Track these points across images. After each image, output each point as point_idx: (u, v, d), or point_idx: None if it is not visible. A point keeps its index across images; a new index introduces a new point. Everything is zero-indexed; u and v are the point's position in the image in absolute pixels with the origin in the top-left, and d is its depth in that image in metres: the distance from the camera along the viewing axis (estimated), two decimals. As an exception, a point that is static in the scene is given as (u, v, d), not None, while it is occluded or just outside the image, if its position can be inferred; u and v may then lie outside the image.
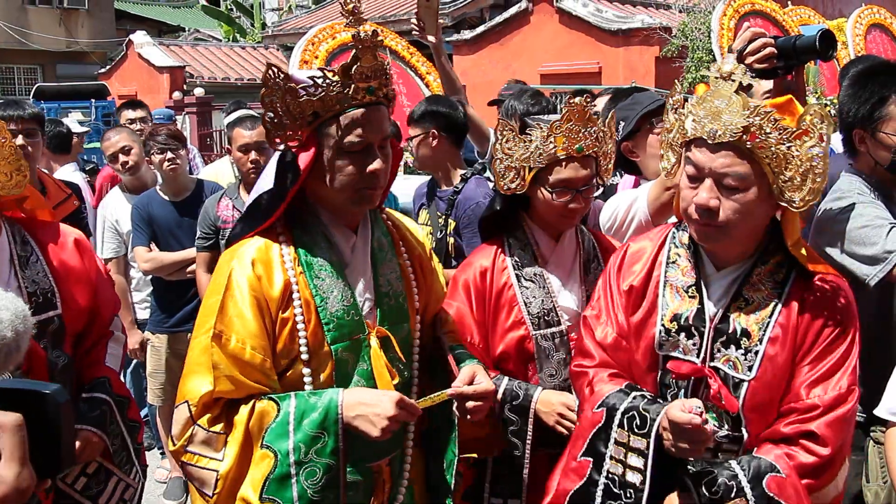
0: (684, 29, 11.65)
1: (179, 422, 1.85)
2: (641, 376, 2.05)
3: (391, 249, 2.07)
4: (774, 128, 1.77)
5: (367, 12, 17.68)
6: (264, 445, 1.79)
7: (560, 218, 2.39)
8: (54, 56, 24.48)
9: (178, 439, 1.85)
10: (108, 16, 25.96)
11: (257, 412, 1.81)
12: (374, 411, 1.79)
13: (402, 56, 8.44)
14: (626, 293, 2.09)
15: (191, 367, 1.87)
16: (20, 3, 23.92)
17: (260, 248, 1.90)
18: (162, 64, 17.38)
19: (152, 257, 4.25)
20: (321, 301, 1.88)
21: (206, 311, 1.89)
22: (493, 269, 2.43)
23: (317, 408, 1.80)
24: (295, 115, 1.82)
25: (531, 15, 13.55)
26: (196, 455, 1.83)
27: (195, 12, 29.52)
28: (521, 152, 2.34)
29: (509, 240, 2.47)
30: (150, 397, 4.57)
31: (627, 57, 12.42)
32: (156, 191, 4.38)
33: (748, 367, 1.89)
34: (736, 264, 1.95)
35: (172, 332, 4.38)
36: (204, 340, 1.84)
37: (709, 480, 1.81)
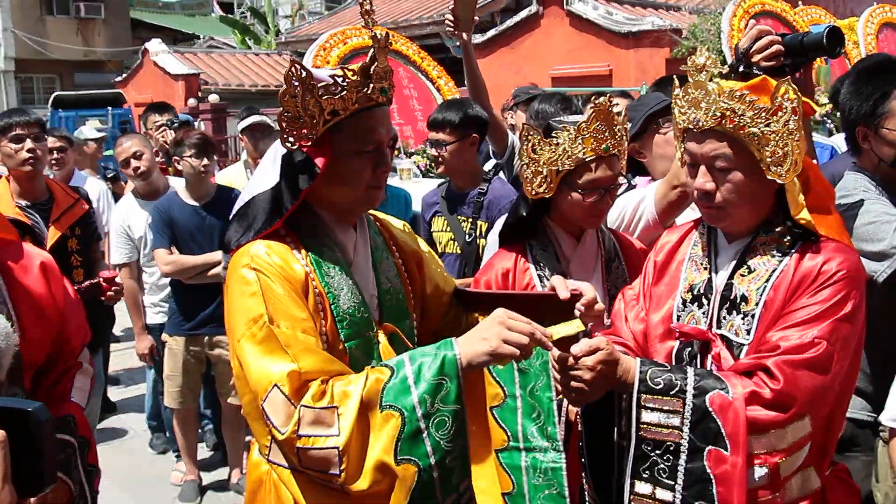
0: (694, 30, 11.65)
1: (277, 409, 1.70)
2: (657, 348, 2.08)
3: (385, 248, 2.11)
4: (749, 108, 1.85)
5: (379, 17, 17.79)
6: (385, 406, 1.68)
7: (589, 218, 2.41)
8: (72, 65, 24.70)
9: (285, 426, 1.70)
10: (124, 25, 26.17)
11: (371, 379, 1.71)
12: (481, 335, 1.73)
13: (413, 60, 8.51)
14: (654, 267, 2.17)
15: (257, 362, 1.75)
16: (38, 13, 24.15)
17: (270, 245, 1.88)
18: (177, 71, 17.51)
19: (174, 260, 4.28)
20: (333, 298, 1.89)
21: (240, 309, 1.81)
22: (514, 271, 2.45)
23: (432, 355, 1.72)
24: (314, 113, 1.82)
25: (542, 18, 13.58)
26: (311, 437, 1.68)
27: (210, 20, 29.72)
28: (547, 156, 2.35)
29: (530, 241, 2.49)
30: (167, 400, 4.59)
31: (638, 59, 12.43)
32: (176, 194, 4.41)
33: (746, 331, 1.92)
34: (745, 236, 2.01)
35: (190, 334, 4.42)
36: (260, 332, 1.76)
37: (655, 371, 1.85)
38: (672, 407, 1.82)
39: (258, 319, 1.76)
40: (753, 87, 1.91)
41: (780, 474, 1.83)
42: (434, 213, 3.82)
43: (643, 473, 1.85)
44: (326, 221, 1.97)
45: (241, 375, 1.80)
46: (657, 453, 1.83)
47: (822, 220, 1.94)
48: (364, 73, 1.84)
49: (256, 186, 1.96)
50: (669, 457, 1.82)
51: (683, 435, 1.80)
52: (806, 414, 1.82)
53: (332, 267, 1.91)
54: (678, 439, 1.81)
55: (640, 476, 1.85)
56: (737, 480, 1.75)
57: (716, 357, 1.94)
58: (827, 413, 1.89)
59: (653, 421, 1.83)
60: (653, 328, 2.10)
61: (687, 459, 1.80)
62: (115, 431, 5.68)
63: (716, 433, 1.78)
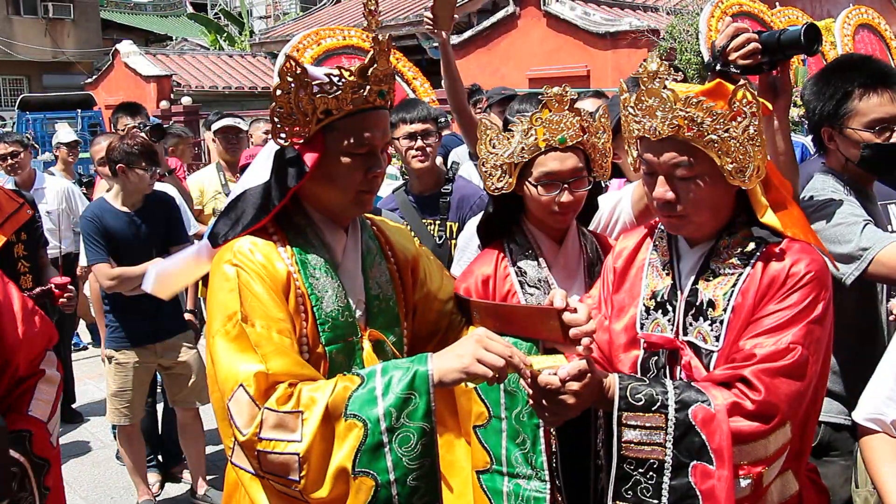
0: (672, 31, 11.63)
1: (242, 410, 1.66)
2: (621, 358, 2.03)
3: (379, 253, 2.05)
4: (708, 115, 1.80)
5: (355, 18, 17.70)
6: (349, 416, 1.64)
7: (551, 214, 2.32)
8: (40, 66, 24.41)
9: (247, 427, 1.65)
10: (94, 25, 25.89)
11: (339, 387, 1.67)
12: (456, 352, 1.69)
13: (388, 61, 8.41)
14: (614, 274, 2.12)
15: (226, 359, 1.71)
16: (5, 13, 23.83)
17: (255, 242, 1.85)
18: (149, 73, 17.31)
19: (118, 273, 4.06)
20: (317, 301, 1.85)
21: (218, 305, 1.78)
22: (495, 277, 2.38)
23: (404, 369, 1.68)
24: (307, 111, 1.80)
25: (518, 19, 13.54)
26: (272, 441, 1.64)
27: (183, 21, 29.47)
28: (503, 149, 2.29)
29: (510, 245, 2.42)
30: (113, 417, 4.37)
31: (616, 60, 12.40)
32: (105, 200, 4.22)
33: (715, 337, 1.88)
34: (707, 240, 1.96)
35: (140, 346, 4.26)
36: (232, 329, 1.72)
37: (634, 387, 1.79)
38: (654, 423, 1.76)
39: (232, 317, 1.74)
40: (709, 93, 1.85)
41: (762, 483, 1.80)
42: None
43: (625, 494, 1.78)
44: (316, 222, 1.93)
45: (211, 373, 1.77)
46: (640, 472, 1.77)
47: (785, 216, 1.91)
48: (362, 74, 1.81)
49: (249, 181, 1.93)
50: (653, 475, 1.76)
51: (667, 451, 1.75)
52: (787, 421, 1.79)
53: (318, 268, 1.88)
54: (661, 456, 1.75)
55: (623, 497, 1.78)
56: (724, 494, 1.70)
57: (686, 365, 1.90)
58: (802, 416, 1.86)
59: (635, 439, 1.77)
60: (615, 337, 2.05)
61: (671, 476, 1.74)
62: (80, 442, 5.56)
63: (700, 447, 1.73)
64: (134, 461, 4.47)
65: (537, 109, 2.28)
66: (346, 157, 1.83)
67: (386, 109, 1.88)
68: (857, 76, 2.51)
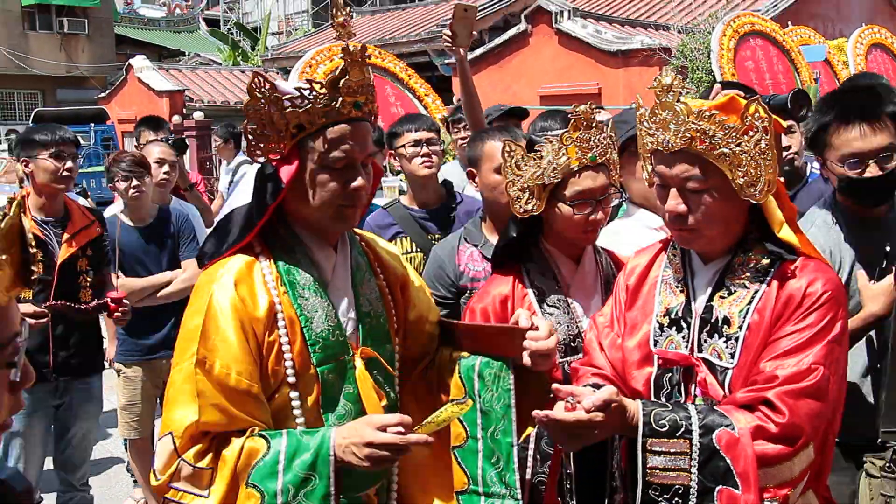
0: (684, 49, 11.65)
1: (163, 455, 1.73)
2: (634, 375, 2.02)
3: (368, 269, 2.02)
4: (720, 128, 1.81)
5: (367, 35, 17.80)
6: (250, 484, 1.69)
7: (582, 233, 2.31)
8: (55, 81, 24.61)
9: (162, 474, 1.72)
10: (108, 41, 26.10)
11: (246, 450, 1.71)
12: (352, 449, 1.71)
13: (400, 78, 8.41)
14: (624, 291, 2.11)
15: (174, 397, 1.76)
16: (21, 28, 24.06)
17: (241, 269, 1.82)
18: (161, 88, 17.42)
19: (122, 284, 4.10)
20: (306, 321, 1.83)
21: (186, 335, 1.79)
22: (513, 297, 2.35)
23: (309, 448, 1.71)
24: (279, 126, 1.77)
25: (530, 36, 13.57)
26: (181, 492, 1.71)
27: (196, 37, 29.69)
28: (532, 171, 2.27)
29: (527, 265, 2.39)
30: (123, 431, 4.42)
31: (627, 78, 12.41)
32: (117, 217, 4.25)
33: (730, 354, 1.87)
34: (721, 257, 1.96)
35: (147, 360, 4.28)
36: (187, 367, 1.74)
37: (658, 413, 1.78)
38: (679, 449, 1.76)
39: (191, 355, 1.75)
40: (722, 107, 1.85)
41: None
42: (394, 234, 3.54)
43: None
44: (304, 240, 1.90)
45: (167, 392, 1.81)
46: (665, 497, 1.77)
47: (798, 234, 1.92)
48: (333, 86, 1.77)
49: (237, 201, 1.93)
50: (678, 500, 1.76)
51: (692, 476, 1.75)
52: (811, 442, 1.79)
53: (307, 288, 1.85)
54: (687, 482, 1.75)
55: None
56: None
57: (701, 382, 1.90)
58: (822, 435, 1.85)
59: (660, 465, 1.77)
60: (628, 354, 2.04)
61: (697, 501, 1.74)
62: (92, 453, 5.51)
63: (725, 471, 1.72)
64: (145, 475, 4.47)
65: (567, 129, 2.26)
66: (322, 171, 1.80)
67: (364, 121, 1.84)
68: (836, 108, 2.52)
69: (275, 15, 23.93)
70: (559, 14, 13.14)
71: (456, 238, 2.99)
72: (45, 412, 3.69)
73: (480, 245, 2.90)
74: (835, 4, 14.96)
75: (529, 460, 2.24)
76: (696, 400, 1.91)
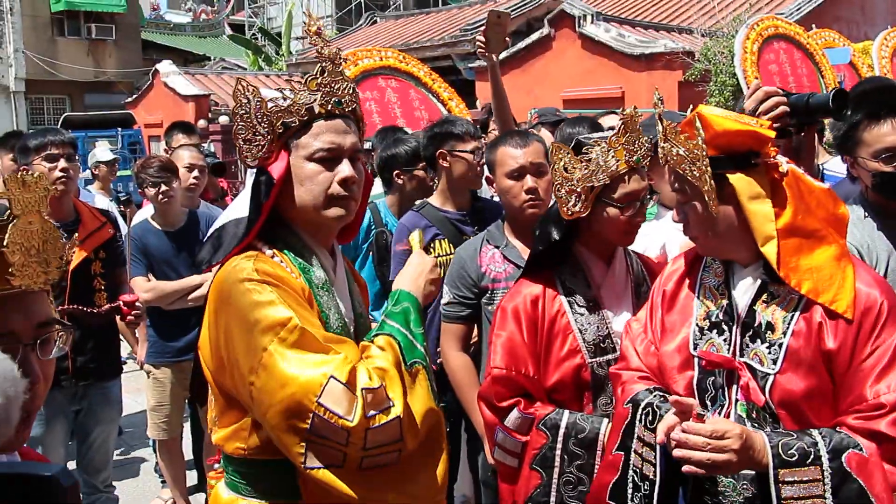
0: (707, 53, 11.61)
1: (340, 401, 1.68)
2: (676, 379, 2.03)
3: (350, 278, 2.14)
4: (678, 143, 1.90)
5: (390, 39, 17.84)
6: (411, 364, 1.85)
7: (624, 234, 2.36)
8: (82, 86, 24.85)
9: (352, 414, 1.68)
10: (135, 46, 26.33)
11: (385, 346, 1.85)
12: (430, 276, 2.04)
13: (424, 82, 8.45)
14: (661, 297, 2.13)
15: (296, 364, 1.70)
16: (50, 34, 24.33)
17: (260, 258, 1.86)
18: (187, 93, 17.56)
19: (153, 286, 4.22)
20: (325, 318, 1.88)
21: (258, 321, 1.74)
22: (544, 297, 2.38)
23: (402, 313, 1.93)
24: (266, 127, 1.88)
25: (553, 41, 13.57)
26: (377, 414, 1.72)
27: (221, 42, 29.90)
28: (580, 173, 2.30)
29: (558, 267, 2.42)
30: (152, 432, 4.49)
31: (650, 81, 12.38)
32: (148, 221, 4.35)
33: (773, 360, 1.88)
34: (758, 262, 1.96)
35: (176, 361, 4.34)
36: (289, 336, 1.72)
37: (785, 443, 1.78)
38: (811, 476, 1.77)
39: (286, 323, 1.72)
40: (685, 126, 1.94)
41: None
42: (433, 236, 3.53)
43: None
44: (308, 243, 1.97)
45: (266, 387, 1.71)
46: None
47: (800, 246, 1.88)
48: (310, 83, 1.90)
49: (231, 214, 2.01)
50: None
51: (827, 502, 1.75)
52: None
53: (321, 287, 1.92)
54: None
55: None
56: None
57: (744, 386, 1.90)
58: None
59: (794, 494, 1.78)
60: (668, 358, 2.06)
61: None
62: (118, 455, 5.59)
63: (859, 493, 1.74)
64: (173, 475, 4.54)
65: (616, 133, 2.29)
66: (309, 164, 1.89)
67: (347, 118, 1.93)
68: (864, 105, 2.55)
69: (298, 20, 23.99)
70: (582, 18, 13.14)
71: (479, 240, 3.03)
72: (65, 417, 3.72)
73: (502, 246, 2.94)
74: (860, 7, 14.84)
75: (557, 459, 2.27)
76: (736, 404, 1.92)
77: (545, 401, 2.34)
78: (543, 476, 2.28)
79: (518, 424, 2.33)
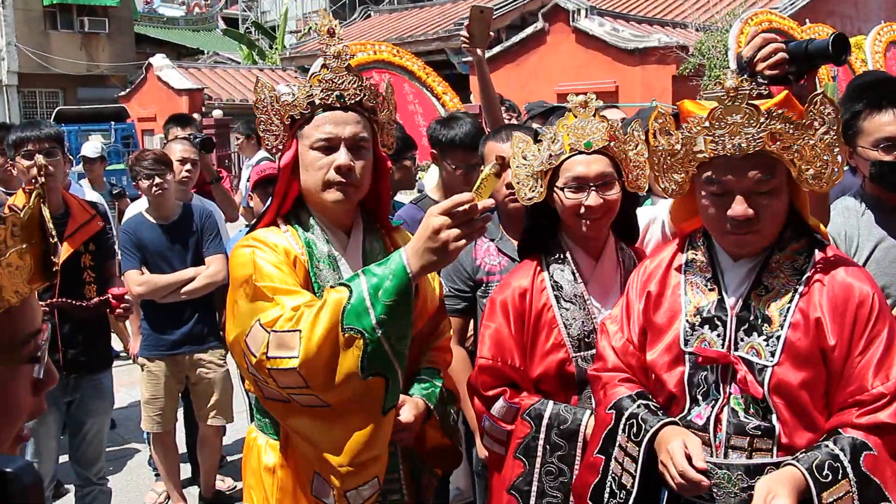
0: (701, 47, 11.65)
1: (255, 339, 1.90)
2: (663, 376, 2.03)
3: (383, 253, 2.19)
4: (791, 126, 1.83)
5: (384, 33, 17.84)
6: (347, 329, 1.86)
7: (577, 219, 2.31)
8: (75, 80, 24.79)
9: (258, 352, 1.89)
10: (128, 40, 26.27)
11: (330, 302, 1.88)
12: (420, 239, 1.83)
13: (418, 76, 8.47)
14: (645, 298, 2.11)
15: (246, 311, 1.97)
16: (42, 28, 24.27)
17: (269, 230, 2.13)
18: (181, 86, 17.54)
19: (146, 280, 4.19)
20: (318, 288, 2.05)
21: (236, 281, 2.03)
22: (531, 290, 2.38)
23: (387, 276, 1.87)
24: (279, 119, 2.12)
25: (547, 35, 13.59)
26: (273, 359, 1.88)
27: (214, 36, 29.86)
28: (534, 159, 2.33)
29: (547, 259, 2.42)
30: (146, 425, 4.46)
31: (644, 76, 12.41)
32: (142, 214, 4.33)
33: (770, 352, 1.88)
34: (753, 255, 1.97)
35: (170, 355, 4.33)
36: (249, 290, 1.97)
37: (817, 465, 1.80)
38: (844, 490, 1.78)
39: (249, 280, 1.99)
40: (783, 103, 1.87)
41: None
42: None
43: None
44: (318, 220, 2.17)
45: (229, 331, 2.03)
46: None
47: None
48: (312, 80, 2.11)
49: None
50: None
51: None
52: None
53: (322, 260, 2.12)
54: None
55: None
56: None
57: (741, 380, 1.90)
58: None
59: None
60: (657, 357, 2.05)
61: None
62: (112, 448, 5.58)
63: (876, 491, 1.77)
64: (167, 469, 4.54)
65: (564, 117, 2.33)
66: (311, 152, 2.09)
67: (348, 110, 2.10)
68: (865, 96, 2.57)
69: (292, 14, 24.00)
70: (576, 12, 13.16)
71: None
72: (58, 409, 3.69)
73: (497, 239, 2.97)
74: (853, 2, 14.88)
75: (539, 449, 2.29)
76: (730, 398, 1.93)
77: (532, 391, 2.35)
78: (526, 465, 2.30)
79: (503, 413, 2.35)
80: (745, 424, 1.89)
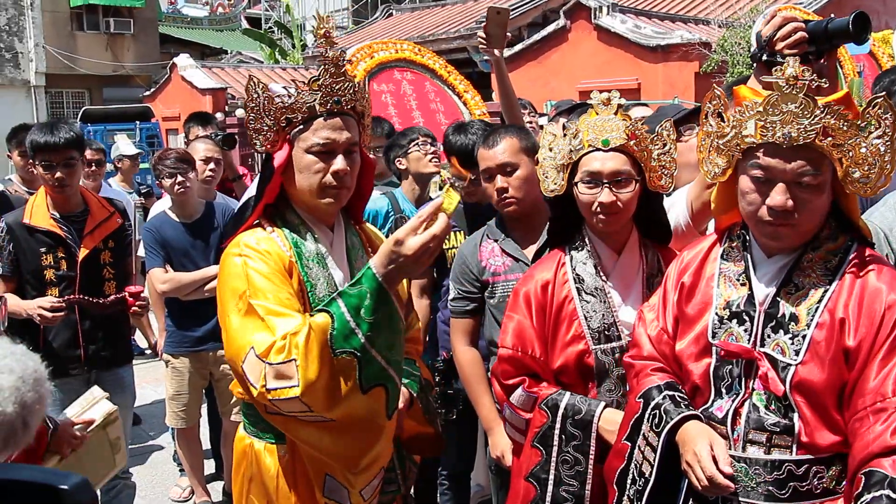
0: (724, 44, 11.57)
1: (254, 370, 1.93)
2: (690, 367, 2.05)
3: (361, 248, 2.32)
4: (844, 123, 1.81)
5: (406, 32, 17.85)
6: (338, 354, 1.91)
7: (592, 214, 2.36)
8: (101, 80, 25.00)
9: (259, 384, 1.92)
10: (152, 40, 26.47)
11: (315, 327, 1.90)
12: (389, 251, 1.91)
13: (439, 74, 8.48)
14: (679, 289, 2.13)
15: (240, 331, 1.98)
16: (69, 29, 24.50)
17: (258, 236, 2.13)
18: (204, 86, 17.63)
19: (170, 278, 4.26)
20: (311, 287, 2.11)
21: (229, 292, 2.04)
22: (554, 282, 2.43)
23: (363, 294, 1.93)
24: (271, 120, 2.11)
25: (569, 32, 13.55)
26: (276, 390, 1.90)
27: (238, 35, 30.01)
28: (558, 153, 2.40)
29: (571, 252, 2.47)
30: (171, 420, 4.54)
31: (667, 73, 12.34)
32: (166, 213, 4.40)
33: (795, 351, 1.88)
34: (788, 252, 1.96)
35: (194, 351, 4.39)
36: (242, 306, 1.99)
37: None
38: None
39: (242, 296, 2.00)
40: (840, 101, 1.84)
41: None
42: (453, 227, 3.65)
43: None
44: (305, 220, 2.20)
45: (224, 344, 2.05)
46: None
47: None
48: (312, 84, 2.11)
49: (251, 192, 2.18)
50: None
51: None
52: None
53: (310, 259, 2.16)
54: None
55: None
56: None
57: (763, 376, 1.91)
58: None
59: None
60: (686, 347, 2.07)
61: None
62: (137, 444, 5.67)
63: None
64: (192, 464, 4.60)
65: (585, 115, 2.37)
66: (308, 156, 2.11)
67: (347, 116, 2.13)
68: (887, 84, 2.56)
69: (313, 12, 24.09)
70: (598, 9, 13.12)
71: (479, 234, 3.10)
72: None
73: (500, 240, 3.01)
74: (880, -4, 14.71)
75: (555, 439, 2.32)
76: (753, 394, 1.93)
77: (552, 381, 2.39)
78: (543, 453, 2.35)
79: (522, 402, 2.41)
80: (764, 420, 1.90)
